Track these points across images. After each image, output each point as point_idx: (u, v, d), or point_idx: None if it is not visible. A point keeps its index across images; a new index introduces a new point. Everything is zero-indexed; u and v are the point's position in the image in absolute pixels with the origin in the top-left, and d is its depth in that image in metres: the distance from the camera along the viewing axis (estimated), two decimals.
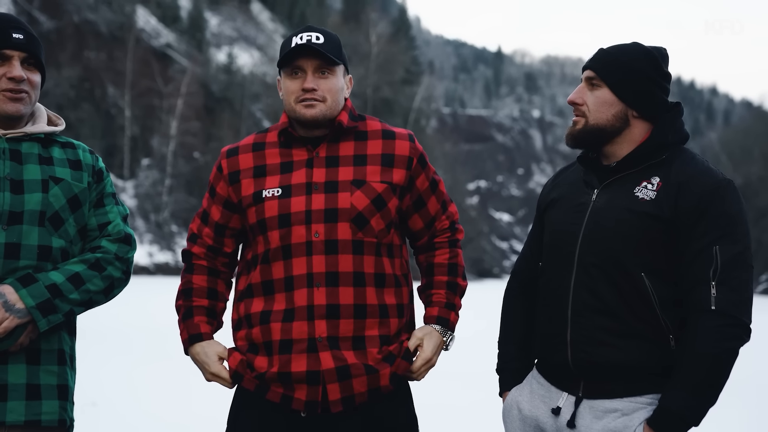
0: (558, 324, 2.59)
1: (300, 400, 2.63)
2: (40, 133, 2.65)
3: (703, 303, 2.42)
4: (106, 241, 2.68)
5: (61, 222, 2.60)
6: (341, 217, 2.66)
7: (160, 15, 55.08)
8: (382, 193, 2.71)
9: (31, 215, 2.54)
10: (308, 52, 2.69)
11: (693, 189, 2.47)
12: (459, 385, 9.51)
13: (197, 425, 7.05)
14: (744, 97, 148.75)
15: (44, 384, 2.55)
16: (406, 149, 2.78)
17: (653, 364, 2.49)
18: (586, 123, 2.60)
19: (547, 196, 2.78)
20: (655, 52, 2.60)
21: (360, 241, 2.67)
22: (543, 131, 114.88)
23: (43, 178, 2.60)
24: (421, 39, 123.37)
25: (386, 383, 2.66)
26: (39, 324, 2.49)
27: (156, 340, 12.84)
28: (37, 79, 2.62)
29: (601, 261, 2.52)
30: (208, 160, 47.82)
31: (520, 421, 2.69)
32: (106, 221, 2.71)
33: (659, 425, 2.42)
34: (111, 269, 2.65)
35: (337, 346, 2.62)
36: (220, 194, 2.80)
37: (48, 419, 2.54)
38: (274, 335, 2.65)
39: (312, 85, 2.69)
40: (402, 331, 2.76)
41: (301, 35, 2.72)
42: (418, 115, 62.91)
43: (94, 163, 2.74)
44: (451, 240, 2.88)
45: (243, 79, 53.60)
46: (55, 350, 2.60)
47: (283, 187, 2.70)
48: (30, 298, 2.47)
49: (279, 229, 2.67)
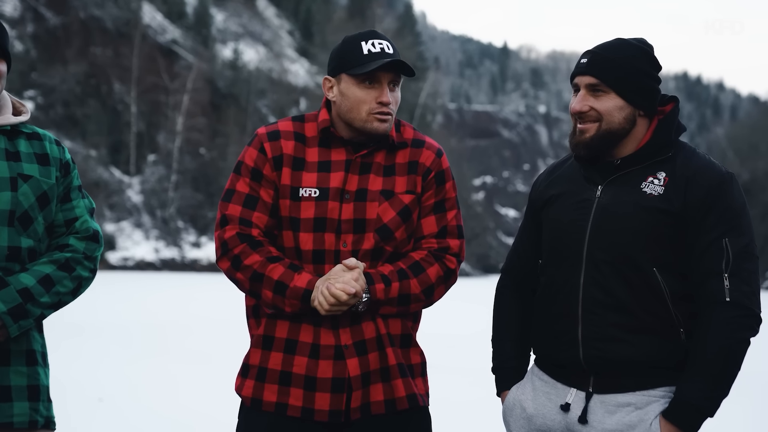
0: (568, 321, 2.57)
1: (323, 410, 2.61)
2: (6, 125, 2.56)
3: (716, 295, 2.43)
4: (74, 239, 2.61)
5: (30, 221, 2.53)
6: (368, 227, 2.65)
7: (166, 11, 55.11)
8: (409, 204, 2.69)
9: (0, 215, 2.48)
10: (393, 65, 2.63)
11: (700, 183, 2.48)
12: (467, 381, 9.50)
13: (198, 421, 7.06)
14: (751, 92, 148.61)
15: (15, 385, 2.51)
16: (429, 160, 2.74)
17: (665, 358, 2.49)
18: (599, 129, 2.56)
19: (544, 192, 2.73)
20: (645, 46, 2.58)
21: (380, 248, 2.66)
22: (549, 127, 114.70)
23: (11, 175, 2.51)
24: (427, 34, 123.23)
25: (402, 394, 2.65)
26: (10, 330, 2.44)
27: (157, 337, 12.88)
28: (3, 69, 2.52)
29: (611, 257, 2.51)
30: (214, 156, 47.89)
31: (524, 420, 2.66)
32: (74, 217, 2.64)
33: (676, 417, 2.42)
34: (80, 269, 2.59)
35: (365, 352, 2.62)
36: (269, 177, 2.68)
37: (20, 420, 2.50)
38: (302, 336, 2.64)
39: (389, 99, 2.64)
40: (414, 339, 2.75)
41: (372, 41, 2.65)
42: (423, 111, 62.89)
43: (61, 156, 2.65)
44: (434, 253, 2.71)
45: (249, 75, 53.61)
46: (24, 351, 2.54)
47: (321, 189, 2.66)
48: (1, 303, 2.43)
49: (313, 232, 2.64)
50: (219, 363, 10.11)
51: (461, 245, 2.76)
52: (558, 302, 2.60)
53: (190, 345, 12.30)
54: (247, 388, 2.68)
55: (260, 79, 54.28)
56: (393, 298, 2.63)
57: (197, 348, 11.90)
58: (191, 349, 11.74)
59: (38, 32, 45.95)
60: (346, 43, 2.69)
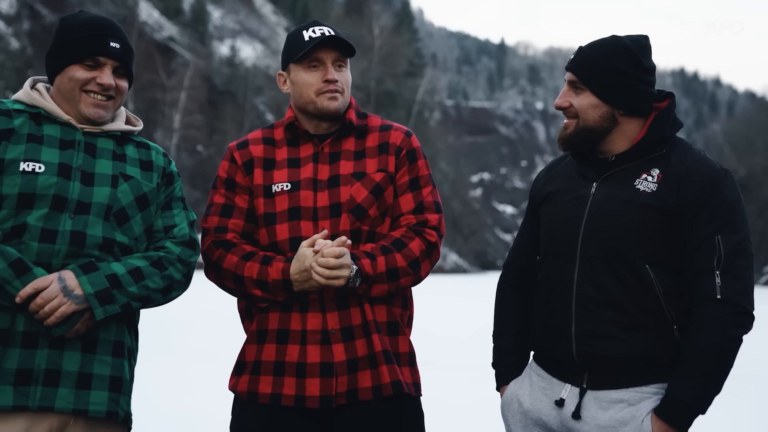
0: (562, 318, 2.58)
1: (314, 396, 2.64)
2: (116, 131, 2.70)
3: (708, 292, 2.44)
4: (170, 243, 2.69)
5: (127, 218, 2.62)
6: (342, 209, 2.70)
7: (163, 8, 55.03)
8: (380, 182, 2.74)
9: (98, 208, 2.58)
10: (330, 42, 2.70)
11: (693, 179, 2.49)
12: (466, 377, 9.52)
13: (203, 419, 7.07)
14: (747, 89, 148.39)
15: (96, 374, 2.54)
16: (398, 139, 2.80)
17: (658, 355, 2.50)
18: (577, 125, 2.59)
19: (542, 188, 2.76)
20: (634, 45, 2.57)
21: (358, 230, 2.70)
22: (546, 123, 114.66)
23: (113, 173, 2.64)
24: (424, 31, 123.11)
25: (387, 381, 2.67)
26: (95, 312, 2.48)
27: (161, 334, 12.88)
28: (125, 86, 2.68)
29: (604, 254, 2.53)
30: (212, 153, 47.85)
31: (520, 414, 2.69)
32: (173, 224, 2.73)
33: (667, 414, 2.43)
34: (172, 270, 2.65)
35: (352, 338, 2.65)
36: (242, 184, 2.79)
37: (95, 410, 2.53)
38: (293, 325, 2.68)
39: (335, 76, 2.71)
40: (406, 324, 2.78)
41: (312, 29, 2.74)
42: (421, 108, 62.87)
43: (165, 166, 2.77)
44: (413, 228, 2.73)
45: (246, 72, 53.57)
46: (112, 341, 2.59)
47: (292, 182, 2.74)
48: (89, 285, 2.48)
49: (289, 221, 2.71)
50: (224, 360, 10.13)
51: (440, 219, 2.78)
52: (553, 299, 2.62)
53: (194, 342, 12.32)
54: (243, 383, 2.71)
55: (257, 76, 54.23)
56: (382, 273, 2.65)
57: (201, 345, 11.92)
58: (195, 347, 11.76)
59: (34, 29, 45.87)
60: (289, 36, 2.80)
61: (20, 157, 2.54)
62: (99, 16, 2.70)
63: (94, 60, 2.62)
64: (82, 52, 2.62)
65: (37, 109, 2.64)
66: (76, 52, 2.62)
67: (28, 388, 2.46)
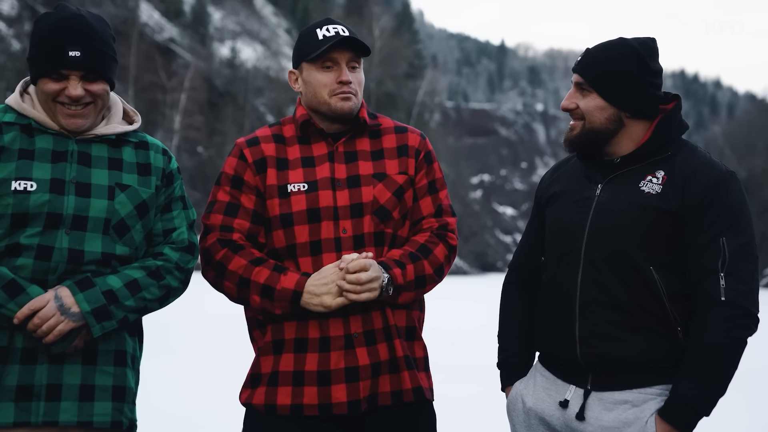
0: (566, 319, 2.59)
1: (341, 402, 2.60)
2: (111, 134, 2.62)
3: (712, 294, 2.44)
4: (168, 249, 2.64)
5: (127, 229, 2.57)
6: (365, 210, 2.66)
7: (164, 9, 55.05)
8: (403, 184, 2.72)
9: (96, 222, 2.52)
10: (345, 43, 2.67)
11: (699, 181, 2.49)
12: (467, 378, 9.51)
13: (202, 419, 7.07)
14: (748, 90, 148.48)
15: (99, 385, 2.53)
16: (416, 142, 2.79)
17: (662, 357, 2.50)
18: (583, 127, 2.59)
19: (548, 189, 2.76)
20: (641, 48, 2.57)
21: (381, 232, 2.68)
22: (546, 125, 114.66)
23: (109, 184, 2.57)
24: (425, 33, 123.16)
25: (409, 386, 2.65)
26: (93, 330, 2.46)
27: (162, 336, 12.87)
28: (101, 88, 2.55)
29: (608, 255, 2.53)
30: (212, 154, 47.85)
31: (524, 414, 2.69)
32: (172, 227, 2.68)
33: (671, 416, 2.43)
34: (170, 278, 2.62)
35: (374, 342, 2.63)
36: (250, 183, 2.70)
37: (100, 420, 2.51)
38: (311, 333, 2.63)
39: (349, 77, 2.68)
40: (420, 328, 2.77)
41: (326, 27, 2.69)
42: (421, 109, 62.88)
43: (164, 166, 2.69)
44: (436, 232, 2.74)
45: (246, 74, 53.57)
46: (113, 351, 2.56)
47: (309, 183, 2.68)
48: (85, 303, 2.45)
49: (308, 224, 2.65)
50: (225, 361, 10.13)
51: (455, 222, 2.81)
52: (557, 299, 2.62)
53: (196, 343, 12.32)
54: (259, 396, 2.65)
55: (258, 77, 54.24)
56: (411, 281, 2.64)
57: (203, 346, 11.93)
58: (197, 347, 11.76)
59: None
60: (302, 34, 2.76)
61: (11, 175, 2.48)
62: (61, 18, 2.51)
63: (58, 73, 2.50)
64: (44, 66, 2.51)
65: (28, 120, 2.56)
66: (40, 65, 2.51)
67: (29, 404, 2.45)
